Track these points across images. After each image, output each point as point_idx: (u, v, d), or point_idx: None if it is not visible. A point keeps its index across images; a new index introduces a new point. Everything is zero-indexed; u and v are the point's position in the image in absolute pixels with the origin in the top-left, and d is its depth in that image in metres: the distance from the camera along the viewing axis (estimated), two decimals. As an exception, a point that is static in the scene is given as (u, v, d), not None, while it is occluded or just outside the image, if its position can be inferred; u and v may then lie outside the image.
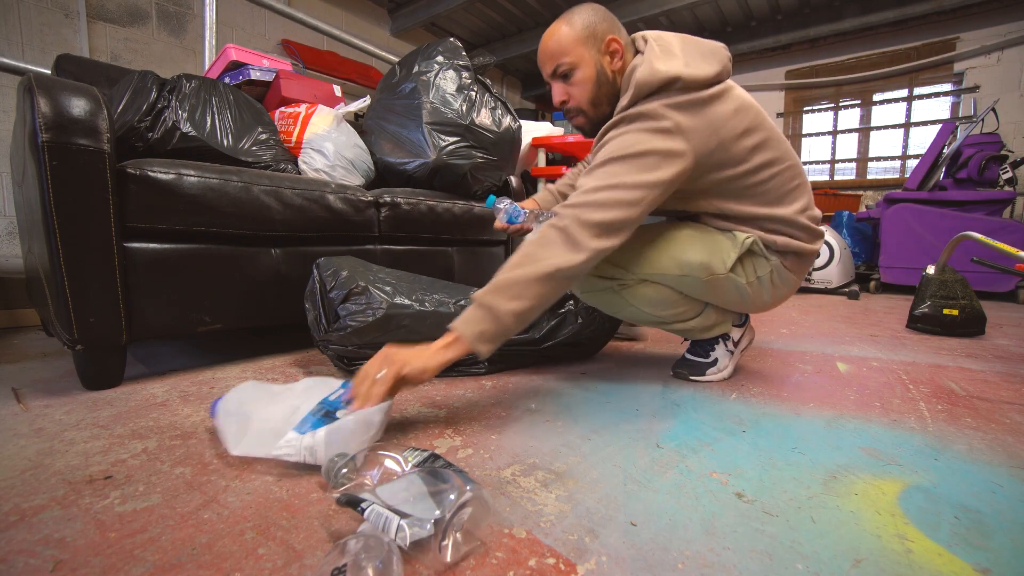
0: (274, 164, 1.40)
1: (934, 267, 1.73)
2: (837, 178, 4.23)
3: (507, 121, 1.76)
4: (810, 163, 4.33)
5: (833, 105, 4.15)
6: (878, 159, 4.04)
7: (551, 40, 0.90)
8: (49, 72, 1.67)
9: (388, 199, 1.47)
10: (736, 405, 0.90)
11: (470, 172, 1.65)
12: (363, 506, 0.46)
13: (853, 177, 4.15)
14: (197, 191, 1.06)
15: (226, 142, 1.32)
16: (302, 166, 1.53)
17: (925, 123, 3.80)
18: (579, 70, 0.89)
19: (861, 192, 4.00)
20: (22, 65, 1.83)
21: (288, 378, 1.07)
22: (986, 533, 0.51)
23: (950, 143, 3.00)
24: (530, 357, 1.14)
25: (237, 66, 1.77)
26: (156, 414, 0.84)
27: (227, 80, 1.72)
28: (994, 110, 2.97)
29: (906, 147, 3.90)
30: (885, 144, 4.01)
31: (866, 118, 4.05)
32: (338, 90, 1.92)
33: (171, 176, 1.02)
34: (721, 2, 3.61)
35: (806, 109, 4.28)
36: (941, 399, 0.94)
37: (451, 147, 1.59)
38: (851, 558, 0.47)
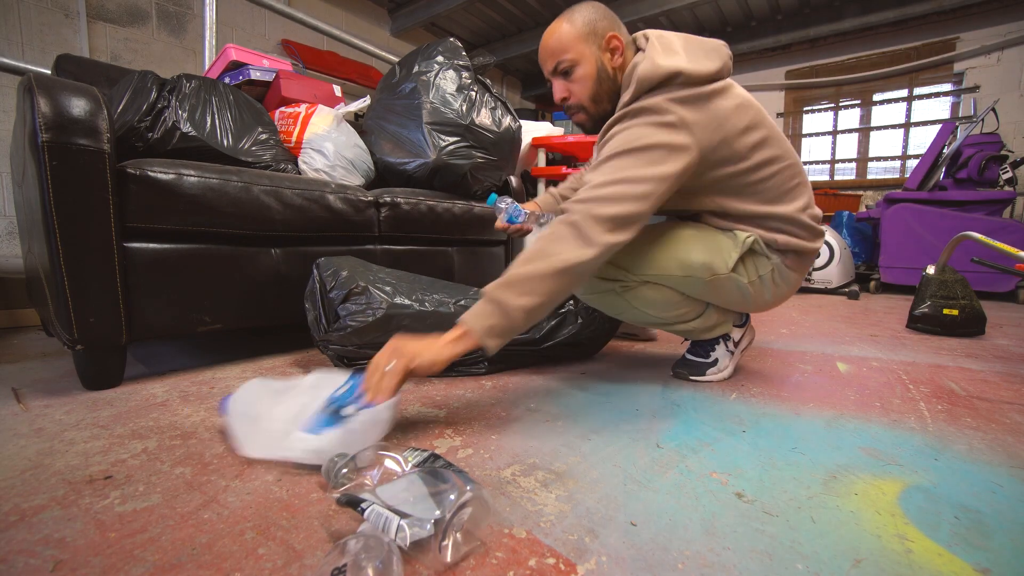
0: (274, 164, 1.40)
1: (934, 267, 1.73)
2: (837, 178, 4.23)
3: (507, 121, 1.76)
4: (810, 163, 4.33)
5: (833, 105, 4.15)
6: (878, 159, 4.04)
7: (552, 37, 0.90)
8: (49, 72, 1.67)
9: (388, 199, 1.47)
10: (736, 405, 0.90)
11: (470, 172, 1.65)
12: (363, 506, 0.46)
13: (853, 177, 4.15)
14: (197, 191, 1.06)
15: (226, 142, 1.32)
16: (302, 166, 1.53)
17: (925, 123, 3.80)
18: (580, 67, 0.90)
19: (861, 192, 4.00)
20: (22, 65, 1.83)
21: (288, 378, 1.07)
22: (986, 533, 0.51)
23: (950, 143, 3.00)
24: (530, 357, 1.14)
25: (237, 66, 1.77)
26: (156, 414, 0.84)
27: (227, 80, 1.72)
28: (994, 110, 2.97)
29: (906, 147, 3.90)
30: (885, 144, 4.01)
31: (866, 118, 4.05)
32: (338, 90, 1.93)
33: (171, 176, 1.02)
34: (721, 2, 3.61)
35: (806, 109, 4.28)
36: (941, 399, 0.94)
37: (451, 147, 1.59)
38: (851, 558, 0.47)
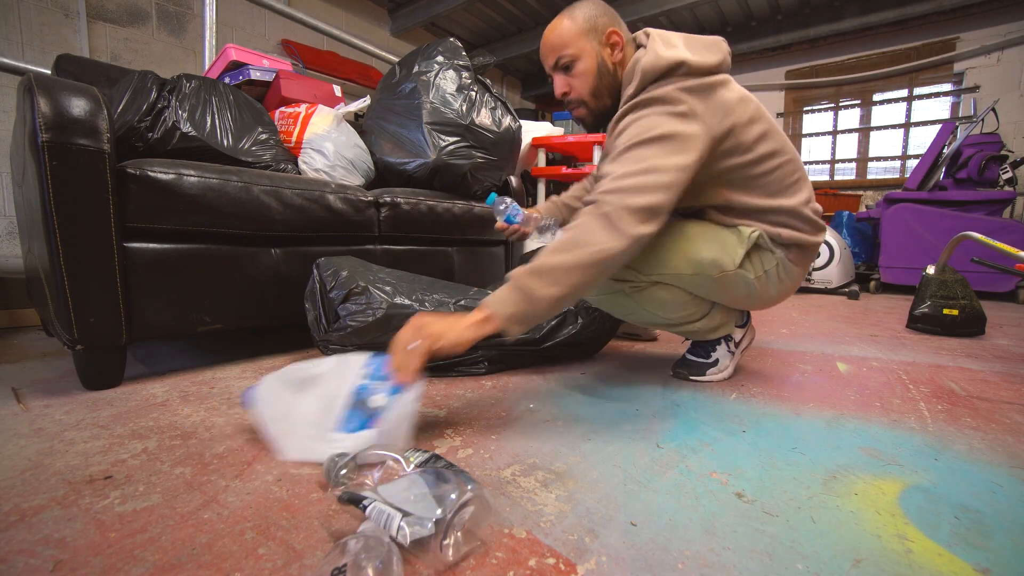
0: (274, 164, 1.40)
1: (934, 267, 1.73)
2: (837, 178, 4.23)
3: (507, 121, 1.76)
4: (810, 163, 4.33)
5: (833, 105, 4.15)
6: (878, 159, 4.03)
7: (553, 33, 0.91)
8: (49, 72, 1.67)
9: (388, 199, 1.47)
10: (736, 405, 0.90)
11: (470, 172, 1.65)
12: (365, 503, 0.46)
13: (853, 177, 4.15)
14: (197, 191, 1.06)
15: (226, 142, 1.32)
16: (302, 166, 1.53)
17: (925, 123, 3.80)
18: (580, 62, 0.90)
19: (861, 192, 4.00)
20: (22, 65, 1.83)
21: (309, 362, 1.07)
22: (986, 533, 0.51)
23: (950, 143, 3.00)
24: (530, 357, 1.14)
25: (237, 66, 1.77)
26: (156, 414, 0.84)
27: (227, 80, 1.72)
28: (994, 110, 2.97)
29: (906, 147, 3.90)
30: (885, 144, 4.01)
31: (866, 118, 4.05)
32: (338, 90, 1.92)
33: (171, 176, 1.02)
34: (721, 2, 3.61)
35: (806, 109, 4.27)
36: (941, 399, 0.94)
37: (451, 147, 1.59)
38: (851, 558, 0.47)
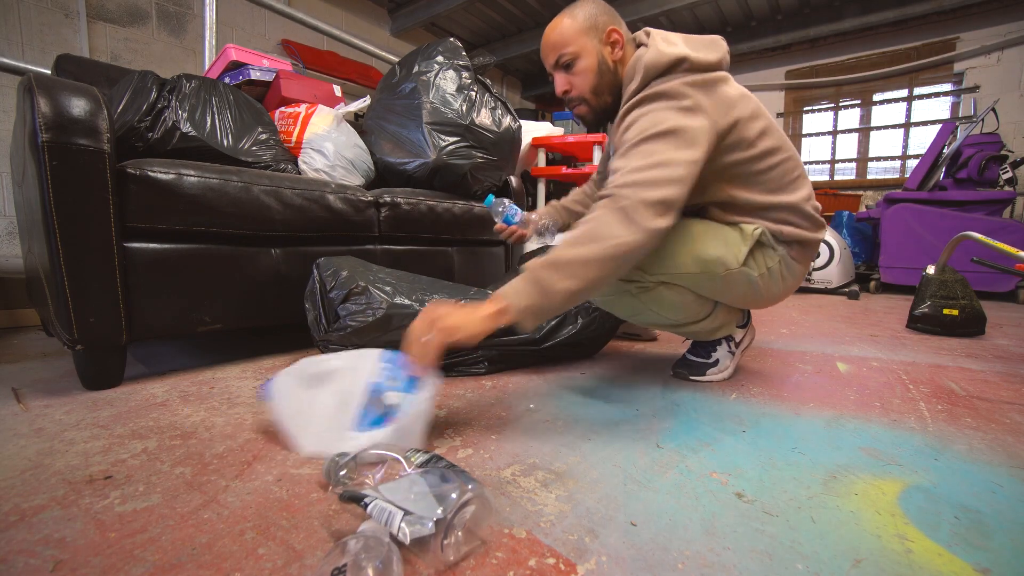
0: (274, 164, 1.40)
1: (934, 267, 1.73)
2: (837, 178, 4.23)
3: (507, 121, 1.76)
4: (810, 163, 4.33)
5: (833, 105, 4.15)
6: (878, 159, 4.03)
7: (553, 32, 0.92)
8: (49, 72, 1.67)
9: (388, 199, 1.47)
10: (736, 405, 0.90)
11: (470, 172, 1.65)
12: (366, 501, 0.46)
13: (853, 177, 4.15)
14: (197, 191, 1.06)
15: (226, 142, 1.32)
16: (302, 166, 1.53)
17: (925, 123, 3.80)
18: (581, 60, 0.91)
19: (861, 192, 4.00)
20: (22, 65, 1.83)
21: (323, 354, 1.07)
22: (986, 533, 0.51)
23: (950, 143, 3.00)
24: (530, 357, 1.14)
25: (237, 66, 1.77)
26: (156, 414, 0.84)
27: (227, 80, 1.72)
28: (994, 110, 2.97)
29: (906, 147, 3.90)
30: (885, 144, 4.01)
31: (866, 118, 4.05)
32: (338, 90, 1.92)
33: (171, 176, 1.02)
34: (721, 2, 3.61)
35: (806, 109, 4.27)
36: (941, 399, 0.94)
37: (451, 147, 1.59)
38: (851, 558, 0.47)
